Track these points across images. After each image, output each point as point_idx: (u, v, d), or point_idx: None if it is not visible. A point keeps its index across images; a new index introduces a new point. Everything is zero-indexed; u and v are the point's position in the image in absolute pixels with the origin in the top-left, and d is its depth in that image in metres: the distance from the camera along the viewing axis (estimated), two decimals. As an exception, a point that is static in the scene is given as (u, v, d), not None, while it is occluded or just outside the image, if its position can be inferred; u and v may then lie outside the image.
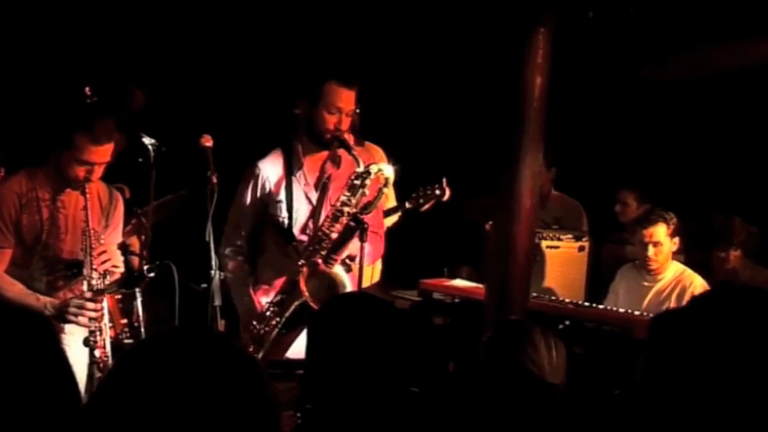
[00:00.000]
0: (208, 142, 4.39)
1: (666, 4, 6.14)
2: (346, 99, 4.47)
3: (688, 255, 6.05)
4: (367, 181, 4.35)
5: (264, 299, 4.55)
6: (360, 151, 4.69)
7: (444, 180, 5.49)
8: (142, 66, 7.23)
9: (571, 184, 6.74)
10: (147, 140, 4.51)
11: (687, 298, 5.23)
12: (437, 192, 5.48)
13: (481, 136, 5.17)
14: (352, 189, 4.37)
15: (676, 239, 5.46)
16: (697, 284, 5.41)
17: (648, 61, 6.71)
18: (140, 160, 4.56)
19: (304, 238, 4.51)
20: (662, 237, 5.40)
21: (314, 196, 4.56)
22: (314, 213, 4.53)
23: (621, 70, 6.87)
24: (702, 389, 1.84)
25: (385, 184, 4.37)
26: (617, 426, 2.84)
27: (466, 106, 6.92)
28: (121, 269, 4.30)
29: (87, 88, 4.55)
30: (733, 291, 1.99)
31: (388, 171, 4.40)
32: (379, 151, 5.58)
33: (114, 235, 4.39)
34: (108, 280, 4.10)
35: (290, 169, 4.57)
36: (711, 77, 6.67)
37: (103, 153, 4.09)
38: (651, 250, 5.42)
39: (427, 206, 5.52)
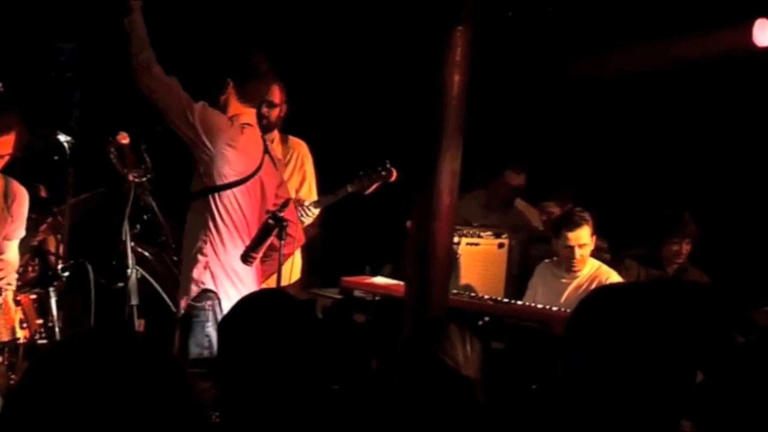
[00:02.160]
0: (124, 139, 4.34)
1: (587, 3, 6.24)
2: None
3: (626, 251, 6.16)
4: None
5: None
6: (284, 146, 4.70)
7: (387, 162, 5.49)
8: (60, 62, 7.14)
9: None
10: (63, 138, 4.43)
11: None
12: (383, 173, 5.47)
13: (401, 134, 5.19)
14: None
15: (594, 236, 5.53)
16: (613, 279, 5.49)
17: (576, 59, 6.80)
18: (56, 158, 4.49)
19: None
20: (587, 239, 5.47)
21: None
22: None
23: (551, 69, 6.94)
24: (612, 379, 1.90)
25: None
26: (535, 420, 2.88)
27: (385, 103, 6.94)
28: (13, 287, 4.24)
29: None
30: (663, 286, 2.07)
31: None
32: (302, 145, 5.58)
33: (17, 230, 4.33)
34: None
35: None
36: (636, 75, 6.78)
37: (2, 144, 4.03)
38: (578, 253, 5.48)
39: (371, 189, 5.51)
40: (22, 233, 4.36)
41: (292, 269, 5.34)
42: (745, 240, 6.59)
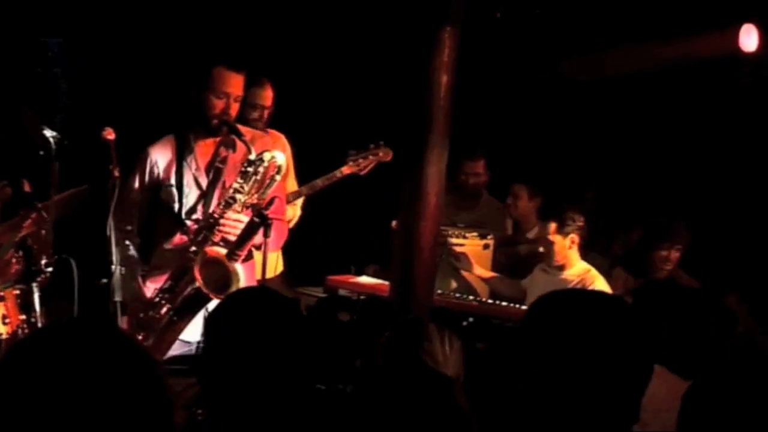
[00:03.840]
0: (110, 135, 4.32)
1: (574, 6, 6.26)
2: (234, 84, 4.43)
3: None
4: (260, 169, 4.32)
5: (153, 285, 4.49)
6: (263, 137, 4.66)
7: (381, 141, 5.42)
8: (47, 57, 7.11)
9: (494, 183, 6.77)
10: (48, 133, 4.41)
11: None
12: (380, 153, 5.37)
13: (388, 133, 5.20)
14: (245, 176, 4.34)
15: (573, 236, 5.51)
16: (598, 285, 5.48)
17: (563, 61, 6.82)
18: (41, 153, 4.46)
19: (192, 224, 4.47)
20: (551, 234, 5.48)
21: (204, 182, 4.52)
22: (204, 198, 4.49)
23: (538, 69, 6.96)
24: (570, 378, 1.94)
25: (278, 172, 4.34)
26: (518, 419, 2.89)
27: (373, 103, 6.94)
28: None
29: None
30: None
31: (281, 159, 4.37)
32: (281, 138, 5.54)
33: None
34: None
35: (181, 154, 4.52)
36: (620, 77, 6.80)
37: None
38: (540, 248, 5.55)
39: (367, 169, 5.44)
40: None
41: (277, 260, 5.31)
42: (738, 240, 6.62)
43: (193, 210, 4.49)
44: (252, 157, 4.31)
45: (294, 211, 5.62)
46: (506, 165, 6.88)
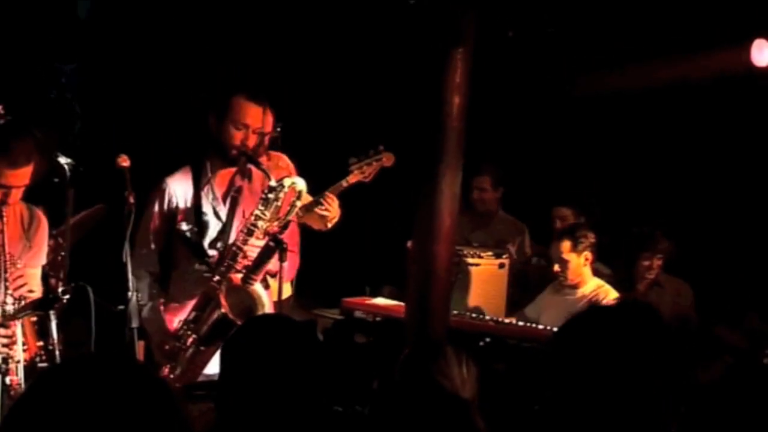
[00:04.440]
0: (125, 162, 4.33)
1: (586, 24, 6.26)
2: (253, 115, 4.45)
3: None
4: (281, 195, 4.33)
5: (176, 318, 4.50)
6: (266, 162, 4.68)
7: (381, 146, 5.39)
8: (61, 83, 7.15)
9: (514, 203, 6.77)
10: (63, 159, 4.42)
11: None
12: (382, 159, 5.36)
13: (402, 155, 5.19)
14: (266, 203, 4.35)
15: (587, 254, 5.51)
16: (611, 298, 5.49)
17: (575, 79, 6.82)
18: (56, 180, 4.47)
19: (214, 253, 4.49)
20: (565, 253, 5.47)
21: (223, 211, 4.53)
22: (224, 227, 4.51)
23: (549, 87, 6.97)
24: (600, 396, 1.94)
25: (298, 197, 4.36)
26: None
27: (386, 125, 6.95)
28: (38, 294, 4.20)
29: (0, 106, 4.44)
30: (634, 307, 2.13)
31: (301, 184, 4.38)
32: (283, 158, 5.53)
33: (37, 257, 4.28)
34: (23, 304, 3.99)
35: (198, 183, 4.54)
36: (631, 94, 6.80)
37: (21, 176, 3.94)
38: (556, 267, 5.53)
39: (372, 176, 5.41)
40: (43, 260, 4.34)
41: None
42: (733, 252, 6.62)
43: (215, 240, 4.50)
44: (273, 183, 4.33)
45: (335, 209, 5.54)
46: (524, 183, 6.89)
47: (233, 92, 4.49)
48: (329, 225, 5.35)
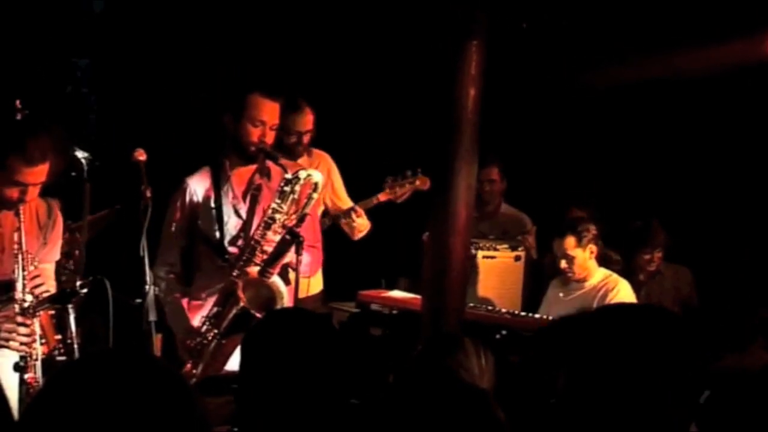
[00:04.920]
0: (141, 156, 4.35)
1: (599, 15, 6.25)
2: (269, 111, 4.47)
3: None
4: (297, 187, 4.34)
5: (199, 314, 4.53)
6: (306, 160, 4.70)
7: (419, 169, 5.42)
8: (76, 77, 7.17)
9: (519, 196, 6.77)
10: (80, 154, 4.43)
11: (608, 301, 5.31)
12: (417, 182, 5.37)
13: (417, 148, 5.20)
14: (282, 195, 4.36)
15: (592, 246, 5.49)
16: (622, 287, 5.47)
17: (587, 70, 6.81)
18: (73, 174, 4.49)
19: (235, 250, 4.50)
20: (571, 249, 5.45)
21: (243, 209, 4.55)
22: (245, 225, 4.52)
23: (560, 79, 6.95)
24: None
25: (315, 190, 4.36)
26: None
27: (401, 118, 6.95)
28: (51, 289, 4.21)
29: (17, 101, 4.44)
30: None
31: (317, 176, 4.39)
32: (324, 156, 5.58)
33: (51, 253, 4.29)
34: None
35: (218, 183, 4.55)
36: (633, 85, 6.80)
37: (38, 174, 3.92)
38: (563, 263, 5.49)
39: (403, 197, 5.44)
40: (56, 256, 4.35)
41: (312, 282, 5.32)
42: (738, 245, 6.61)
43: (235, 238, 4.52)
44: (288, 176, 4.34)
45: (363, 222, 5.60)
46: (533, 176, 6.88)
47: (249, 89, 4.50)
48: (357, 236, 5.42)
